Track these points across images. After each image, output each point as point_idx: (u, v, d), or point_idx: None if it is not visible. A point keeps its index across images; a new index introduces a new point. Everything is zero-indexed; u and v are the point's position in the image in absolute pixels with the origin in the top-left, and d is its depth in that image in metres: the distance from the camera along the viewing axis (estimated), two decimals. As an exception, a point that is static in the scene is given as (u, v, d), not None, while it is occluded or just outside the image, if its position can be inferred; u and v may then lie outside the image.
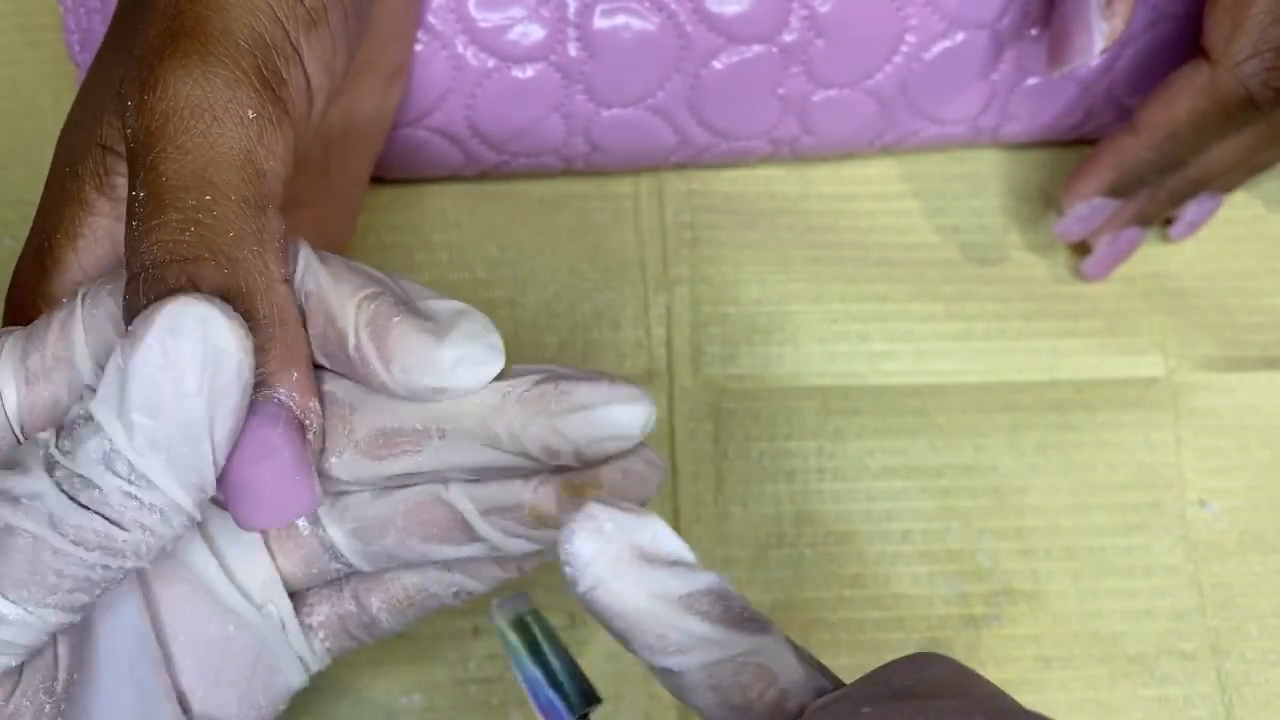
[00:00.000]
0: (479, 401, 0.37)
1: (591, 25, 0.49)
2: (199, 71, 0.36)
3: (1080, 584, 0.51)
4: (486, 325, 0.37)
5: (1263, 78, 0.48)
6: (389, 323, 0.36)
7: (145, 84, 0.37)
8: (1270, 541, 0.52)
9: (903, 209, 0.56)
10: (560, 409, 0.37)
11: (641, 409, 0.37)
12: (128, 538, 0.34)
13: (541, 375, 0.37)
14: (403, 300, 0.37)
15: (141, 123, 0.36)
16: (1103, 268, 0.55)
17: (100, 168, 0.40)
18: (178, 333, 0.33)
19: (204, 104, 0.36)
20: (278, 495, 0.35)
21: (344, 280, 0.37)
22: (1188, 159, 0.51)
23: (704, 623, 0.34)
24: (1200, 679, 0.50)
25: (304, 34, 0.39)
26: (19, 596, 0.33)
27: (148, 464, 0.33)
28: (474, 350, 0.36)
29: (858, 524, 0.52)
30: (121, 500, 0.33)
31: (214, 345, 0.33)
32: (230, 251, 0.35)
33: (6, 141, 0.56)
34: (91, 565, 0.34)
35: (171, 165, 0.36)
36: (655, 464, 0.38)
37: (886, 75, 0.52)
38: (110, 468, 0.33)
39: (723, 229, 0.55)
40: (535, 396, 0.37)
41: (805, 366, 0.53)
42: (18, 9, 0.58)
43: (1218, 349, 0.54)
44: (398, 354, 0.36)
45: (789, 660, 0.34)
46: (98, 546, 0.34)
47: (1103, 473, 0.52)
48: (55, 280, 0.40)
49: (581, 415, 0.37)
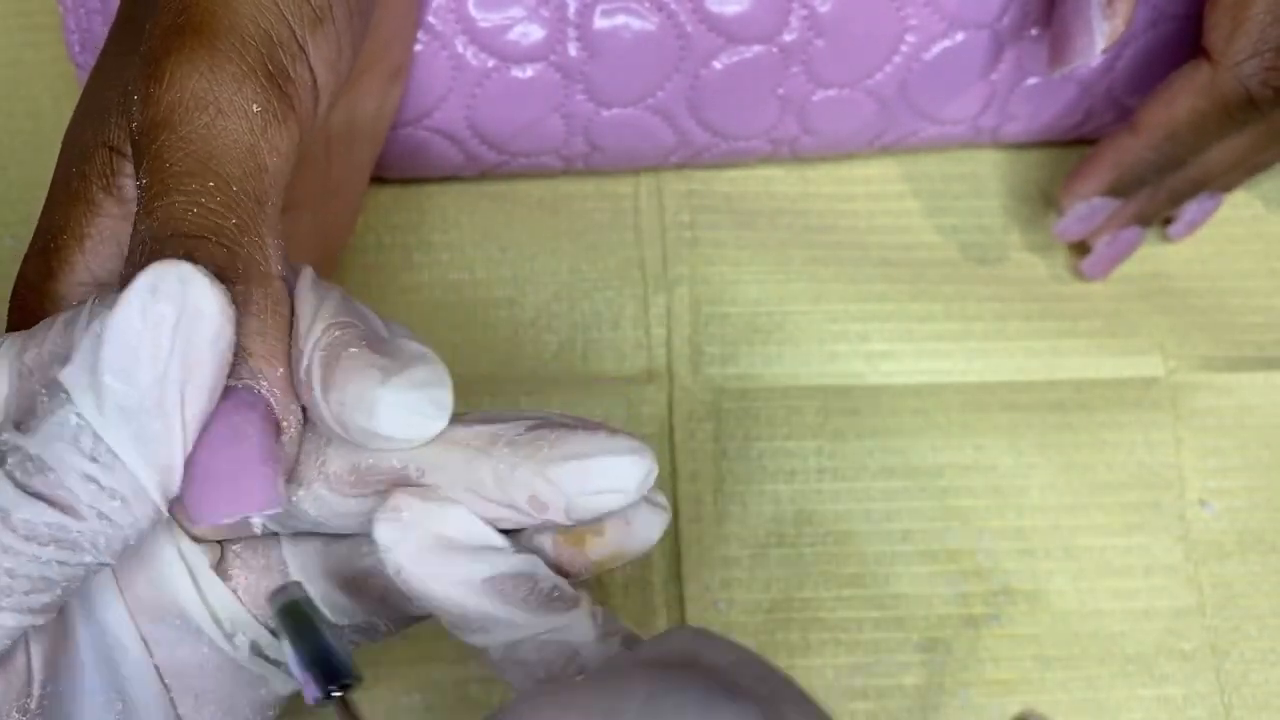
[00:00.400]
0: (466, 442, 0.35)
1: (591, 25, 0.49)
2: (206, 65, 0.36)
3: (1080, 584, 0.51)
4: (439, 377, 0.34)
5: (1263, 77, 0.48)
6: (343, 351, 0.34)
7: (151, 78, 0.37)
8: (1270, 541, 0.52)
9: (902, 209, 0.56)
10: (552, 456, 0.34)
11: (641, 464, 0.35)
12: (83, 528, 0.32)
13: (536, 420, 0.35)
14: (369, 335, 0.35)
15: (147, 114, 0.36)
16: (1102, 267, 0.55)
17: (107, 168, 0.39)
18: (158, 293, 0.31)
19: (209, 96, 0.36)
20: (238, 485, 0.33)
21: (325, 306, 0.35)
22: (1187, 159, 0.51)
23: (504, 605, 0.35)
24: (1199, 679, 0.50)
25: (310, 32, 0.39)
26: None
27: (115, 436, 0.32)
28: (414, 399, 0.34)
29: (857, 524, 0.52)
30: (78, 483, 0.32)
31: (192, 306, 0.32)
32: (232, 236, 0.35)
33: (7, 141, 0.56)
34: (47, 562, 0.32)
35: (175, 154, 0.35)
36: (661, 506, 0.37)
37: (886, 75, 0.52)
38: (74, 442, 0.32)
39: (722, 229, 0.55)
40: (527, 440, 0.35)
41: (805, 366, 0.53)
42: (18, 9, 0.58)
43: (1217, 349, 0.54)
44: (337, 384, 0.34)
45: (589, 636, 0.35)
46: (51, 540, 0.32)
47: (1102, 473, 0.53)
48: (61, 280, 0.40)
49: (575, 465, 0.34)
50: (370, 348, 0.34)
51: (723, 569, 0.51)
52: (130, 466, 0.32)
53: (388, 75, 0.49)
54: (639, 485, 0.35)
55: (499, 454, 0.34)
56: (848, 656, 0.50)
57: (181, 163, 0.35)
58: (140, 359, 0.31)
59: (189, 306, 0.32)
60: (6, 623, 0.32)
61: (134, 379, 0.32)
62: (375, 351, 0.34)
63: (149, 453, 0.32)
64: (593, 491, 0.34)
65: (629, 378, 0.53)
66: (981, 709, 0.49)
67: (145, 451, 0.32)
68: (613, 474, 0.34)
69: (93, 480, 0.32)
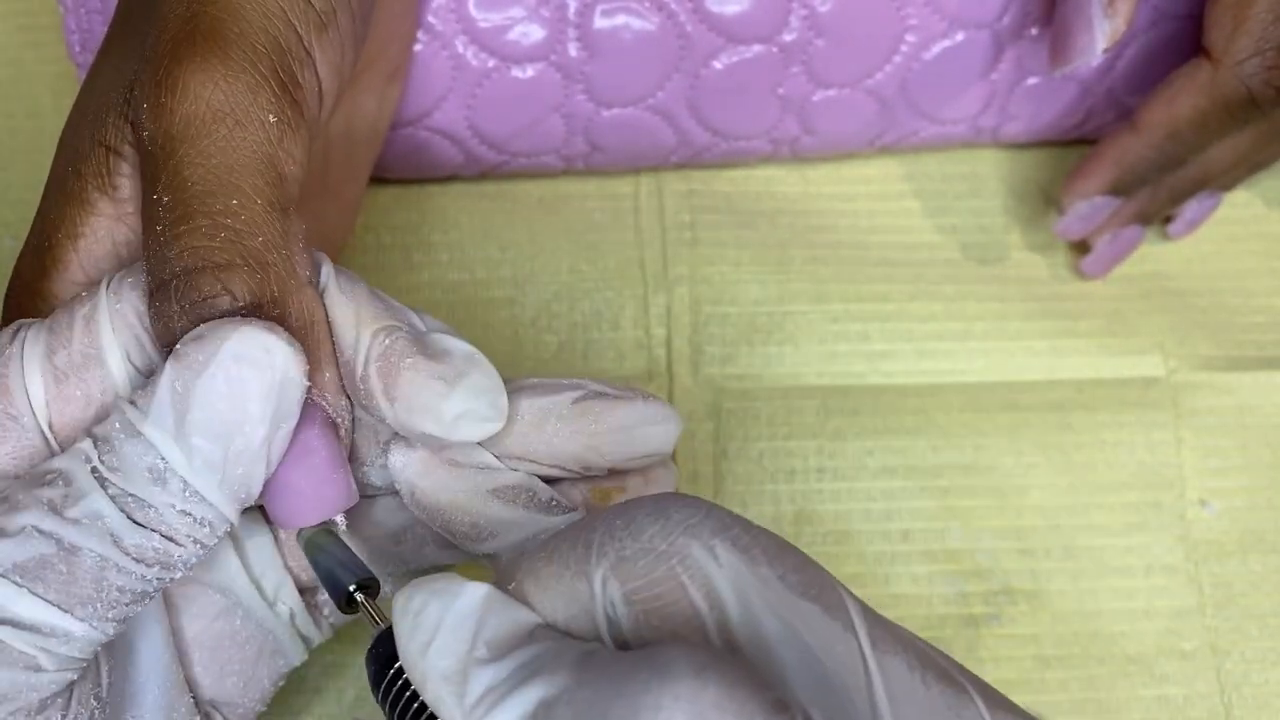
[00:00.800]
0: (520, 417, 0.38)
1: (591, 25, 0.49)
2: (220, 75, 0.37)
3: (1080, 583, 0.51)
4: (494, 381, 0.38)
5: (1264, 76, 0.48)
6: (401, 362, 0.37)
7: (163, 87, 0.37)
8: (1270, 541, 0.52)
9: (903, 209, 0.56)
10: (600, 430, 0.39)
11: (675, 428, 0.40)
12: (182, 552, 0.35)
13: (579, 392, 0.39)
14: (417, 338, 0.38)
15: (161, 126, 0.37)
16: (1102, 266, 0.55)
17: (103, 168, 0.40)
18: (242, 360, 0.34)
19: (226, 108, 0.37)
20: (318, 494, 0.36)
21: (364, 307, 0.38)
22: (1188, 157, 0.51)
23: (510, 508, 0.39)
24: (1200, 679, 0.50)
25: (315, 37, 0.39)
26: (85, 614, 0.34)
27: (203, 483, 0.34)
28: (479, 406, 0.37)
29: (857, 524, 0.52)
30: (175, 517, 0.34)
31: (280, 373, 0.34)
32: (260, 256, 0.36)
33: (7, 141, 0.56)
34: (149, 580, 0.34)
35: (196, 170, 0.36)
36: (672, 468, 0.41)
37: (886, 75, 0.52)
38: (163, 485, 0.34)
39: (723, 229, 0.55)
40: (576, 414, 0.39)
41: (805, 366, 0.53)
42: (18, 9, 0.58)
43: (1218, 349, 0.54)
44: (403, 395, 0.37)
45: None
46: (156, 562, 0.34)
47: (1103, 472, 0.52)
48: (56, 279, 0.40)
49: (623, 435, 0.39)
50: (423, 354, 0.37)
51: (723, 569, 0.51)
52: (217, 505, 0.35)
53: (386, 76, 0.49)
54: (674, 445, 0.40)
55: (552, 429, 0.39)
56: (848, 656, 0.50)
57: (203, 181, 0.36)
58: (229, 424, 0.34)
59: (276, 374, 0.34)
60: (110, 632, 0.35)
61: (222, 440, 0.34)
62: (429, 358, 0.37)
63: (233, 492, 0.35)
64: (637, 455, 0.39)
65: (629, 378, 0.53)
66: (982, 709, 0.49)
67: (230, 491, 0.35)
68: (653, 441, 0.40)
69: (188, 515, 0.34)
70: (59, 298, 0.40)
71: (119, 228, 0.40)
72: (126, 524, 0.34)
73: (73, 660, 0.34)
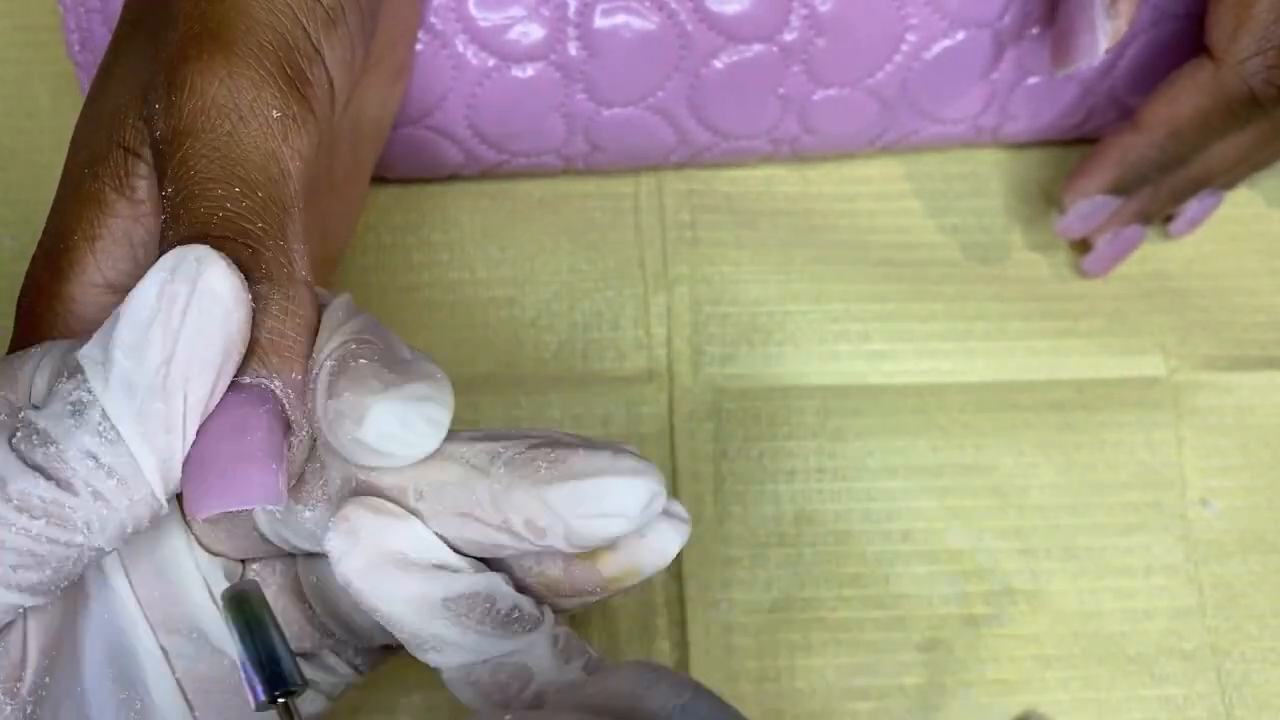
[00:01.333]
0: (465, 459, 0.34)
1: (592, 24, 0.49)
2: (224, 72, 0.37)
3: (1080, 583, 0.51)
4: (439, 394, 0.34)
5: (1266, 75, 0.48)
6: (352, 361, 0.34)
7: (172, 85, 0.37)
8: (1271, 541, 0.52)
9: (903, 209, 0.56)
10: (549, 477, 0.33)
11: (644, 486, 0.33)
12: (77, 504, 0.32)
13: (539, 439, 0.34)
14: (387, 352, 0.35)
15: (170, 123, 0.37)
16: (1103, 265, 0.55)
17: (120, 169, 0.40)
18: (176, 273, 0.32)
19: (230, 104, 0.36)
20: (236, 475, 0.33)
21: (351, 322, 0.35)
22: (1190, 157, 0.51)
23: (457, 627, 0.34)
24: (1200, 679, 0.50)
25: (324, 34, 0.39)
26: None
27: (118, 411, 0.32)
28: (406, 412, 0.33)
29: (858, 524, 0.51)
30: (77, 458, 0.32)
31: (205, 286, 0.32)
32: (257, 239, 0.35)
33: (7, 141, 0.56)
34: (37, 536, 0.32)
35: (199, 161, 0.36)
36: (680, 519, 0.36)
37: (887, 74, 0.52)
38: (78, 416, 0.32)
39: (723, 229, 0.55)
40: (525, 460, 0.33)
41: (805, 366, 0.53)
42: (18, 9, 0.58)
43: (1219, 348, 0.54)
44: (336, 392, 0.33)
45: (546, 660, 0.35)
46: (44, 514, 0.32)
47: (1103, 472, 0.52)
48: (72, 281, 0.40)
49: (571, 486, 0.33)
50: (382, 363, 0.34)
51: (723, 569, 0.51)
52: (130, 444, 0.32)
53: (391, 74, 0.49)
54: (642, 509, 0.33)
55: (497, 473, 0.33)
56: (848, 656, 0.50)
57: (207, 169, 0.36)
58: (150, 337, 0.32)
59: (200, 286, 0.32)
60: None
61: (142, 356, 0.32)
62: (383, 365, 0.34)
63: (150, 432, 0.32)
64: (591, 515, 0.33)
65: (629, 377, 0.53)
66: (982, 709, 0.49)
67: (145, 430, 0.32)
68: (613, 497, 0.33)
69: (91, 456, 0.32)
70: (76, 300, 0.40)
71: (136, 229, 0.40)
72: (16, 467, 0.32)
73: None
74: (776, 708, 0.49)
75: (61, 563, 0.33)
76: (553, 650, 0.35)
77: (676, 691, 0.32)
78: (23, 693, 0.34)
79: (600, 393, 0.52)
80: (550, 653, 0.35)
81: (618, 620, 0.50)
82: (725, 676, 0.49)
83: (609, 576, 0.36)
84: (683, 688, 0.32)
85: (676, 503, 0.36)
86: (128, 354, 0.32)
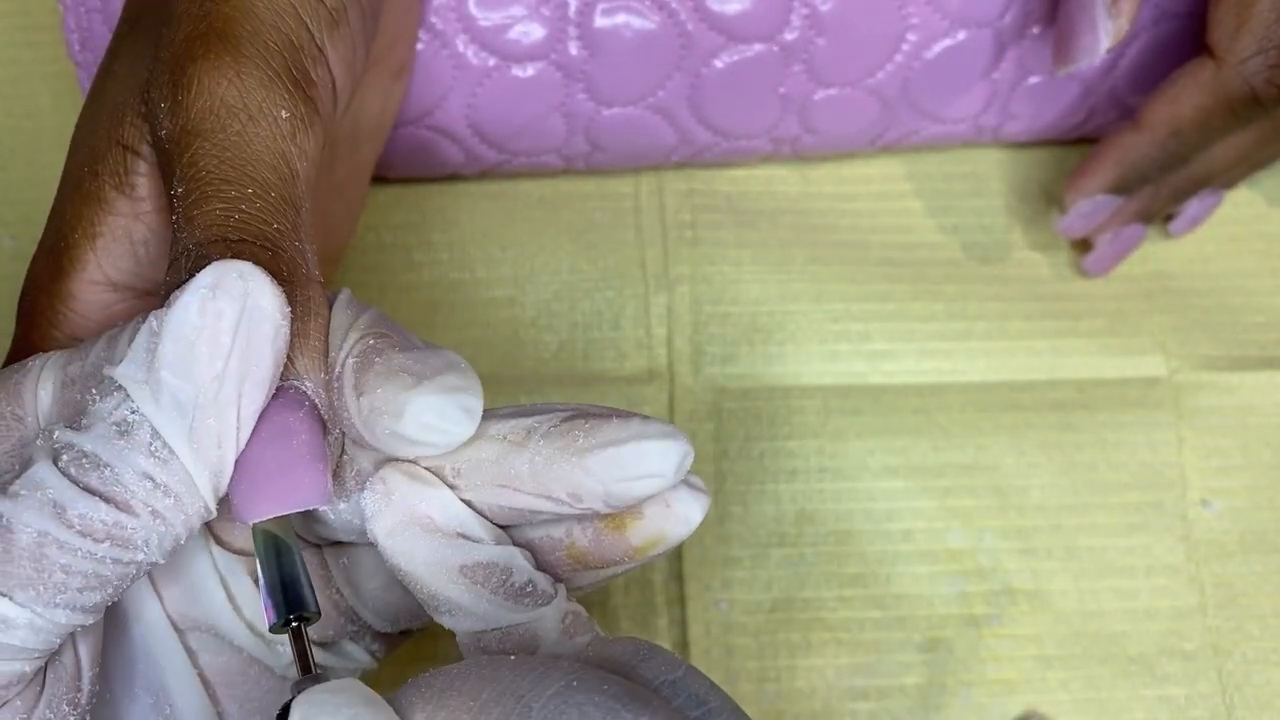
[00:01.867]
0: (501, 436, 0.35)
1: (592, 24, 0.49)
2: (233, 72, 0.37)
3: (1081, 583, 0.51)
4: (469, 383, 0.35)
5: (1267, 75, 0.48)
6: (376, 357, 0.35)
7: (179, 85, 0.37)
8: (1271, 541, 0.52)
9: (904, 209, 0.56)
10: (588, 445, 0.34)
11: (676, 447, 0.34)
12: (138, 525, 0.32)
13: (569, 412, 0.35)
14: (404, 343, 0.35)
15: (177, 123, 0.36)
16: (1104, 264, 0.55)
17: (120, 167, 0.40)
18: (218, 290, 0.32)
19: (239, 104, 0.36)
20: (289, 479, 0.34)
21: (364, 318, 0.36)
22: (1191, 156, 0.51)
23: (471, 594, 0.35)
24: (1201, 679, 0.50)
25: (327, 34, 0.39)
26: (26, 598, 0.31)
27: (171, 431, 0.32)
28: (443, 404, 0.34)
29: (858, 524, 0.51)
30: (134, 480, 0.32)
31: (253, 304, 0.32)
32: (274, 241, 0.35)
33: (6, 141, 0.56)
34: (101, 559, 0.32)
35: (210, 161, 0.36)
36: (700, 489, 0.37)
37: (888, 74, 0.52)
38: (129, 437, 0.32)
39: (723, 229, 0.55)
40: (562, 432, 0.35)
41: (806, 366, 0.53)
42: (18, 9, 0.58)
43: (1219, 349, 0.54)
44: (368, 388, 0.34)
45: (554, 634, 0.36)
46: (107, 537, 0.32)
47: (1104, 472, 0.52)
48: (73, 279, 0.40)
49: (612, 452, 0.34)
50: (401, 351, 0.35)
51: (724, 569, 0.51)
52: (185, 462, 0.32)
53: (392, 73, 0.49)
54: (676, 468, 0.35)
55: (535, 447, 0.35)
56: (849, 656, 0.50)
57: (218, 170, 0.35)
58: (198, 354, 0.32)
59: (249, 304, 0.32)
60: (58, 619, 0.32)
61: (192, 374, 0.32)
62: (406, 355, 0.35)
63: (203, 448, 0.32)
64: (631, 478, 0.34)
65: (629, 377, 0.53)
66: (983, 709, 0.49)
67: (199, 447, 0.32)
68: (650, 459, 0.34)
69: (148, 477, 0.32)
70: (77, 299, 0.40)
71: (137, 226, 0.40)
72: (72, 491, 0.31)
73: (20, 651, 0.32)
74: (776, 708, 0.49)
75: (121, 580, 0.33)
76: (560, 625, 0.36)
77: (670, 667, 0.33)
78: (83, 702, 0.35)
79: (600, 392, 0.52)
80: (558, 627, 0.36)
81: (618, 620, 0.50)
82: (725, 676, 0.49)
83: (637, 545, 0.36)
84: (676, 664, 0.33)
85: (695, 475, 0.37)
86: (175, 372, 0.32)
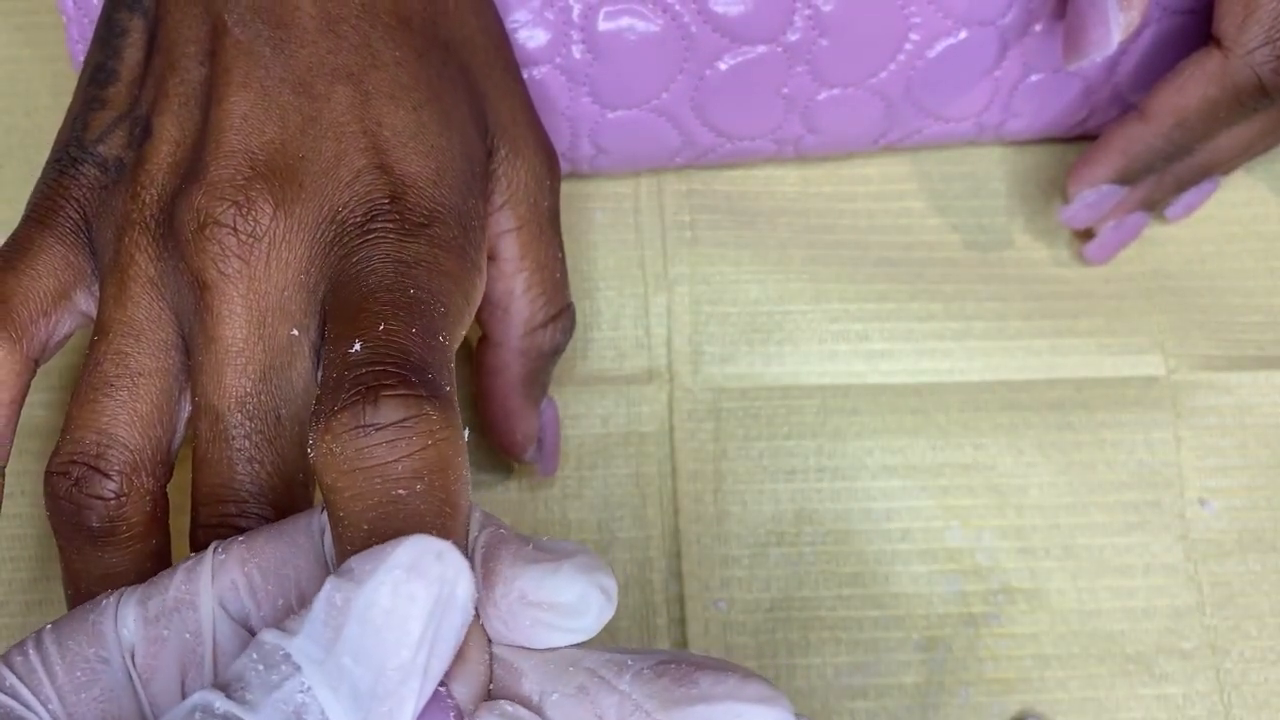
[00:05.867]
0: (594, 670, 0.33)
1: (596, 28, 0.49)
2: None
3: (1079, 583, 0.51)
4: (602, 563, 0.33)
5: (1274, 65, 0.48)
6: (504, 546, 0.33)
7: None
8: (1269, 540, 0.52)
9: (903, 208, 0.56)
10: (679, 698, 0.32)
11: (773, 715, 0.32)
12: None
13: (666, 656, 0.33)
14: (524, 539, 0.34)
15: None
16: (1106, 252, 0.55)
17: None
18: (413, 571, 0.30)
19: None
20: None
21: (474, 512, 0.35)
22: (1196, 146, 0.51)
23: None
24: (1199, 678, 0.50)
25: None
26: None
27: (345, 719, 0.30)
28: (587, 586, 0.32)
29: (857, 523, 0.52)
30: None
31: (449, 592, 0.31)
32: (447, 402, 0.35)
33: (5, 139, 0.55)
34: None
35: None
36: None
37: (891, 73, 0.52)
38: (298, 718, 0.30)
39: (723, 228, 0.55)
40: (653, 675, 0.33)
41: (805, 366, 0.53)
42: (15, 7, 0.57)
43: (1217, 348, 0.54)
44: (504, 575, 0.33)
45: None
46: None
47: (1102, 472, 0.53)
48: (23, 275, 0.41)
49: (702, 710, 0.32)
50: (520, 540, 0.33)
51: (722, 568, 0.51)
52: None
53: None
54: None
55: (624, 687, 0.33)
56: (847, 655, 0.50)
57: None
58: (385, 642, 0.30)
59: (444, 592, 0.31)
60: None
61: (377, 664, 0.30)
62: (526, 544, 0.33)
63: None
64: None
65: (629, 377, 0.53)
66: (981, 708, 0.50)
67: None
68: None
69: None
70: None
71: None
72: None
73: None
74: (776, 708, 0.49)
75: None
76: None
77: None
78: None
79: (600, 392, 0.52)
80: None
81: (618, 620, 0.50)
82: (725, 677, 0.49)
83: None
84: None
85: None
86: (358, 659, 0.30)
